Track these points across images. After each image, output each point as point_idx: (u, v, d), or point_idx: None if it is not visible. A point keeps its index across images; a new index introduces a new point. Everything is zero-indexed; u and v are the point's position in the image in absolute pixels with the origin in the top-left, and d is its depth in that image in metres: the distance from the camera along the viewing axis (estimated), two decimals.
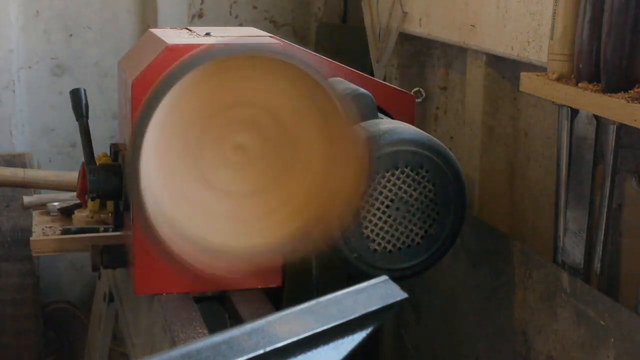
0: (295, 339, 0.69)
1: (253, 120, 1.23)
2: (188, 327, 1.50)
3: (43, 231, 2.13)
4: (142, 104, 1.17)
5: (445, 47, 2.19)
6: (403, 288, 0.80)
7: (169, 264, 1.22)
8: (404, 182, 1.41)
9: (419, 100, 2.25)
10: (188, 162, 1.22)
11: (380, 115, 1.57)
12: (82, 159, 1.75)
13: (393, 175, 1.41)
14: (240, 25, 2.89)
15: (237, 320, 1.58)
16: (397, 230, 1.43)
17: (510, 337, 1.71)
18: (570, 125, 1.52)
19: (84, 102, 1.76)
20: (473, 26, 1.91)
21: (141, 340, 1.82)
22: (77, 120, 1.75)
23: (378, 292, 0.77)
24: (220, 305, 1.69)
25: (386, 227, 1.42)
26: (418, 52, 2.34)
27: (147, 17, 2.86)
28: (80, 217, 2.14)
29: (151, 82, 1.22)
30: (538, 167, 1.83)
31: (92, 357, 2.50)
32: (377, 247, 1.42)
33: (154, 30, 1.76)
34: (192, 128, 1.21)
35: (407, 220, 1.43)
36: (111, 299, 2.20)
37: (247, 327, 0.69)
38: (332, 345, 0.73)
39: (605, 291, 1.47)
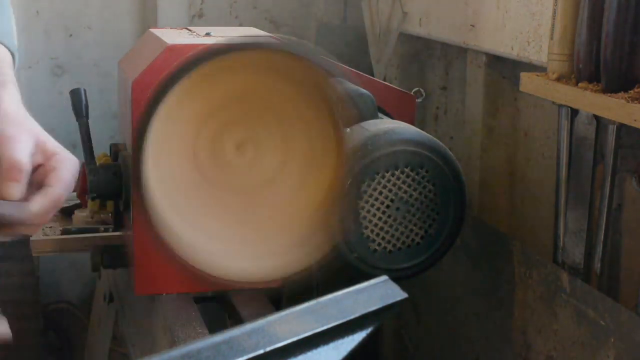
0: (295, 339, 0.69)
1: (250, 117, 1.23)
2: (188, 327, 1.49)
3: (43, 231, 2.13)
4: (146, 103, 1.17)
5: (445, 47, 2.19)
6: (403, 288, 0.80)
7: (170, 263, 1.22)
8: (404, 182, 1.41)
9: (419, 100, 2.25)
10: (188, 163, 1.22)
11: (380, 115, 1.57)
12: (82, 159, 1.75)
13: (393, 175, 1.41)
14: (240, 25, 2.89)
15: (237, 320, 1.58)
16: (397, 230, 1.43)
17: (510, 337, 1.71)
18: (570, 125, 1.52)
19: (84, 102, 1.75)
20: (473, 26, 1.91)
21: (141, 340, 1.82)
22: (77, 120, 1.75)
23: (378, 292, 0.77)
24: (220, 305, 1.69)
25: (386, 227, 1.42)
26: (418, 52, 2.34)
27: (147, 17, 2.86)
28: (80, 217, 2.14)
29: (151, 82, 1.22)
30: (538, 167, 1.83)
31: (92, 357, 2.50)
32: (377, 247, 1.42)
33: (154, 30, 1.76)
34: (191, 129, 1.21)
35: (407, 220, 1.43)
36: (111, 299, 2.20)
37: (247, 327, 0.69)
38: (332, 345, 0.73)
39: (605, 291, 1.47)
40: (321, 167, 1.23)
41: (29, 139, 1.14)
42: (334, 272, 1.53)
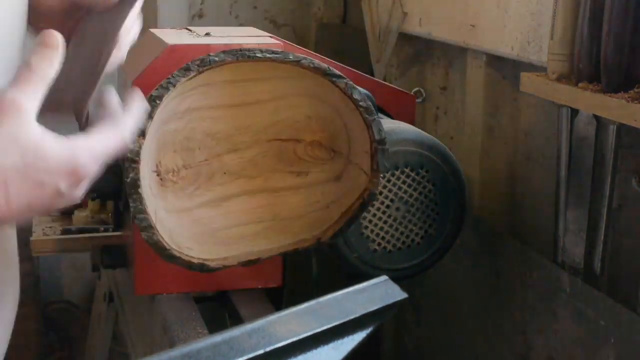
0: (295, 339, 0.69)
1: (249, 119, 1.23)
2: (188, 327, 1.49)
3: (43, 231, 2.13)
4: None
5: (445, 47, 2.18)
6: (403, 288, 0.80)
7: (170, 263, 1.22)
8: (404, 182, 1.41)
9: (419, 100, 2.25)
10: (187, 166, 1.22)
11: (380, 115, 1.57)
12: None
13: (393, 175, 1.41)
14: (241, 25, 2.89)
15: (237, 320, 1.58)
16: (397, 230, 1.43)
17: (510, 337, 1.71)
18: (570, 125, 1.52)
19: None
20: (473, 26, 1.91)
21: (141, 340, 1.82)
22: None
23: (378, 292, 0.77)
24: (220, 305, 1.69)
25: (386, 227, 1.42)
26: (418, 52, 2.34)
27: (147, 17, 2.85)
28: (80, 217, 2.14)
29: (151, 82, 1.22)
30: (538, 167, 1.83)
31: (92, 357, 2.50)
32: (377, 247, 1.42)
33: (154, 31, 1.76)
34: (191, 128, 1.22)
35: (407, 220, 1.43)
36: (111, 299, 2.20)
37: (247, 327, 0.69)
38: (332, 345, 0.73)
39: (605, 291, 1.47)
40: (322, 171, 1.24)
41: None
42: (334, 272, 1.53)
